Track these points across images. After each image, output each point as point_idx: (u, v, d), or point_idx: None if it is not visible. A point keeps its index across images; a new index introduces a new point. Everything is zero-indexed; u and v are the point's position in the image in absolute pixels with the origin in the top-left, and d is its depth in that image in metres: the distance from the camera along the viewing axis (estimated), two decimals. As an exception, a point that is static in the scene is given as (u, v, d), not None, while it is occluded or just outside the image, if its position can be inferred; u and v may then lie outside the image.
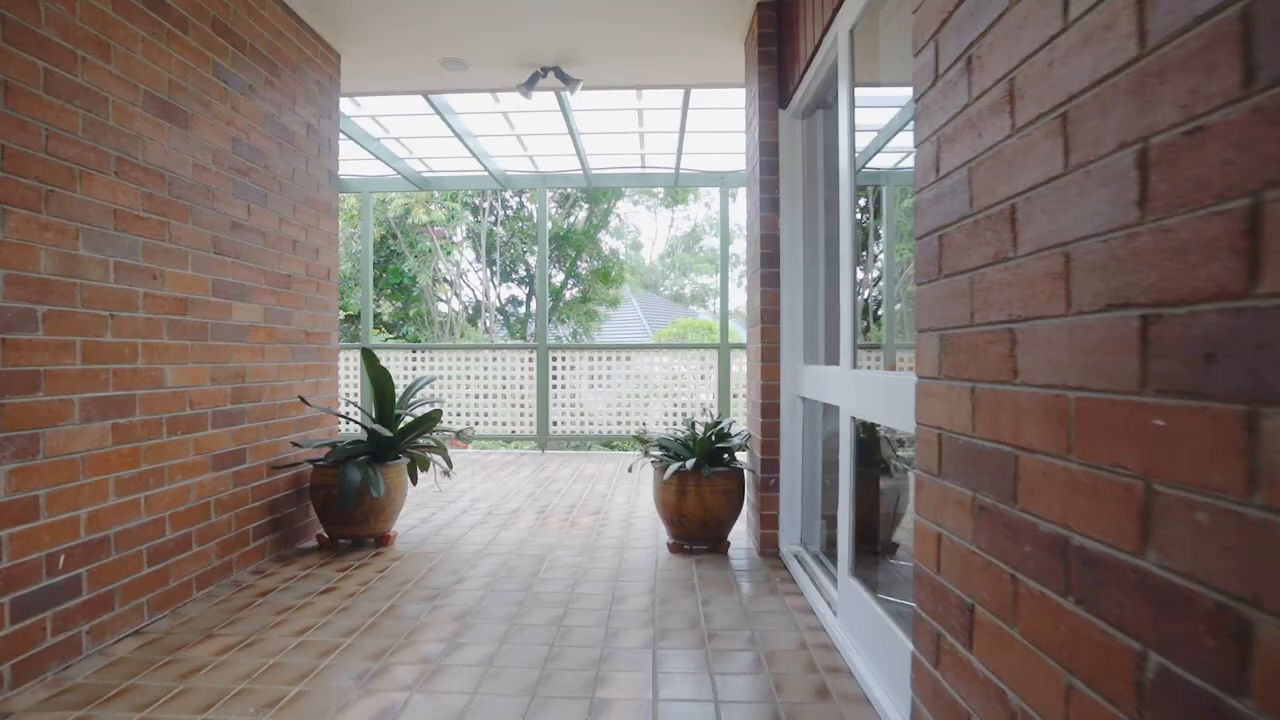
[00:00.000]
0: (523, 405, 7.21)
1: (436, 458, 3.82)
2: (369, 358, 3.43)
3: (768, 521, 3.40)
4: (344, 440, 3.62)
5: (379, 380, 3.40)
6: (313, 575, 3.05)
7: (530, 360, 7.22)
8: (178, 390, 2.60)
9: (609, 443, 8.72)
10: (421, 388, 3.88)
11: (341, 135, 5.63)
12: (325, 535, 3.47)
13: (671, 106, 5.37)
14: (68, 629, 2.11)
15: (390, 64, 4.23)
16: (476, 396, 7.26)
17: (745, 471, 3.51)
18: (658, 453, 3.63)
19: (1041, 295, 0.92)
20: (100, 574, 2.24)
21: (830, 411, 3.27)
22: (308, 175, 3.56)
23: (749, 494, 3.59)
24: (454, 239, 15.63)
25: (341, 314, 12.05)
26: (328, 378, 3.79)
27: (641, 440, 3.63)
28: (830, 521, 3.33)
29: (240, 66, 2.98)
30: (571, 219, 16.83)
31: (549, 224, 15.91)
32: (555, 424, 7.18)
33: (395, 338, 15.54)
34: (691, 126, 5.69)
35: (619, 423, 7.23)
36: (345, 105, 5.26)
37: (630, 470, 3.68)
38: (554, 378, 7.19)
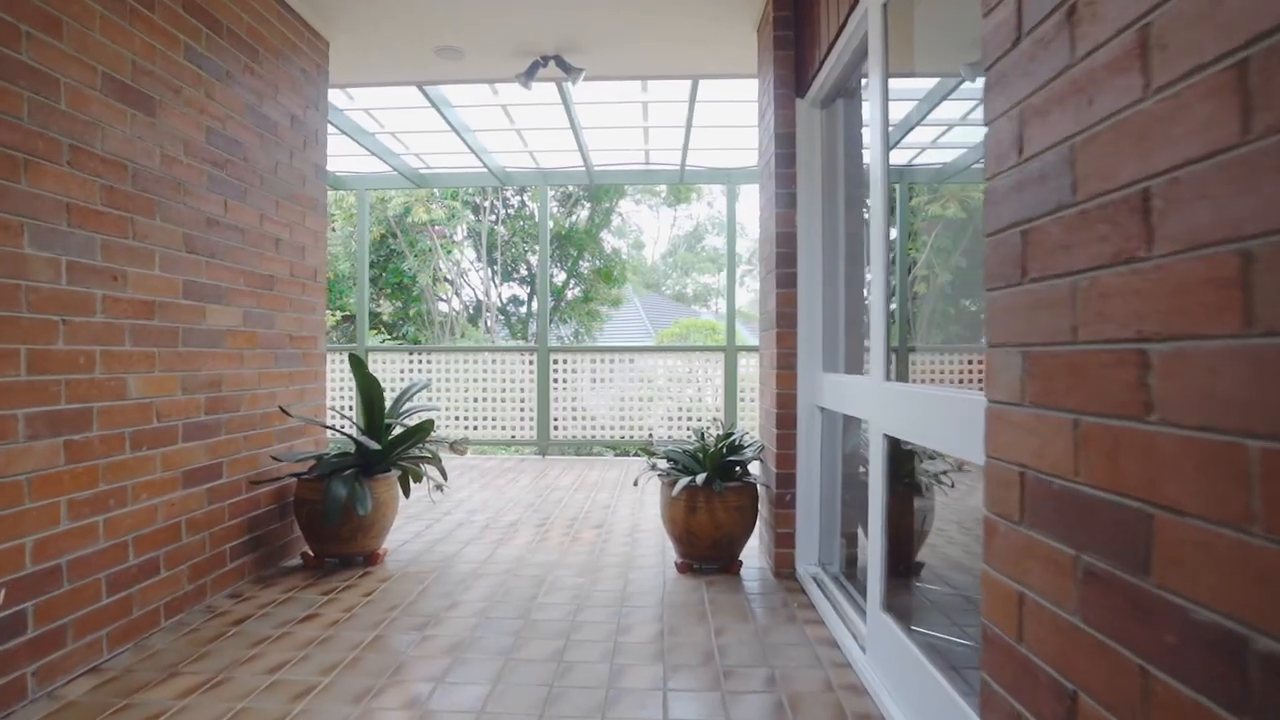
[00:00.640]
0: (523, 409, 6.99)
1: (430, 469, 3.60)
2: (356, 363, 3.21)
3: (783, 540, 3.17)
4: (331, 451, 3.40)
5: (367, 388, 3.18)
6: (294, 599, 2.83)
7: (530, 362, 7.00)
8: (143, 401, 2.38)
9: (612, 448, 8.48)
10: (414, 395, 3.66)
11: (333, 129, 5.42)
12: (310, 553, 3.25)
13: (678, 99, 5.14)
14: (10, 671, 1.89)
15: (382, 52, 4.00)
16: (475, 400, 7.05)
17: (759, 486, 3.28)
18: (665, 465, 3.41)
19: (1197, 307, 0.69)
20: (50, 608, 2.01)
21: (852, 423, 3.04)
22: (292, 169, 3.34)
23: (763, 510, 3.36)
24: (454, 238, 15.43)
25: (339, 314, 11.85)
26: (314, 384, 3.57)
27: (648, 452, 3.41)
28: (850, 540, 3.11)
29: (216, 50, 2.76)
30: (573, 218, 16.64)
31: (550, 223, 15.70)
32: (556, 428, 6.96)
33: (395, 338, 15.37)
34: (698, 121, 5.46)
35: (622, 427, 7.00)
36: (337, 97, 5.05)
37: (635, 484, 3.47)
38: (555, 381, 6.96)
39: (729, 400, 6.85)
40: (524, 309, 17.11)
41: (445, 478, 3.79)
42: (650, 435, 7.00)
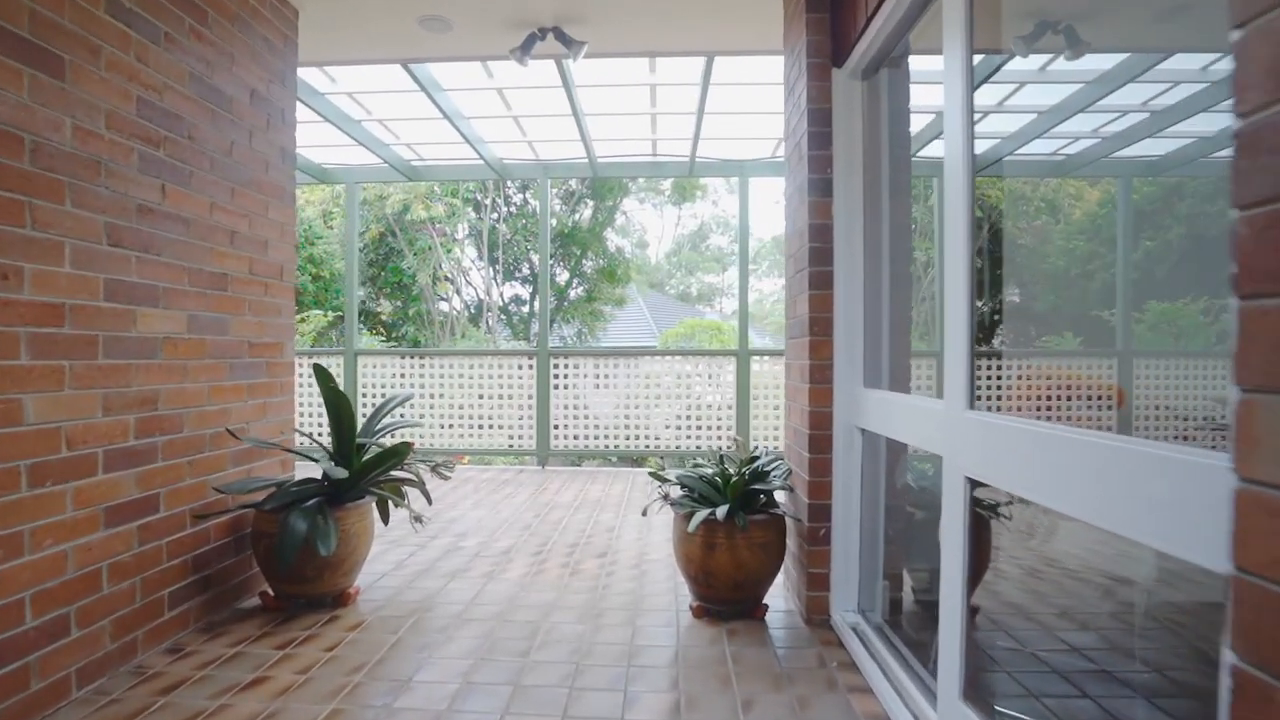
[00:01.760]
0: (522, 416, 6.56)
1: (415, 492, 3.18)
2: (321, 376, 2.78)
3: (816, 581, 2.73)
4: (293, 478, 2.97)
5: (335, 404, 2.75)
6: (242, 655, 2.40)
7: (530, 367, 6.57)
8: (45, 427, 1.95)
9: (616, 457, 7.98)
10: (393, 409, 3.23)
11: (316, 116, 4.99)
12: (270, 593, 2.83)
13: (689, 82, 4.70)
14: None
15: (360, 25, 3.57)
16: (471, 406, 6.62)
17: (787, 518, 2.84)
18: (678, 493, 2.97)
19: None
20: (-95, 695, 1.59)
21: (897, 447, 2.61)
22: (252, 151, 2.91)
23: (791, 545, 2.92)
24: (455, 236, 15.04)
25: (332, 314, 11.45)
26: (280, 397, 3.14)
27: (659, 477, 2.97)
28: (895, 581, 2.67)
29: (150, 7, 2.33)
30: (577, 216, 16.25)
31: (553, 220, 15.29)
32: (557, 437, 6.53)
33: (394, 338, 15.02)
34: (711, 107, 5.01)
35: (627, 435, 6.57)
36: (316, 79, 4.62)
37: (645, 514, 3.03)
38: (556, 386, 6.54)
39: (741, 408, 6.40)
40: (526, 308, 16.75)
41: (430, 502, 3.36)
42: (657, 442, 6.56)
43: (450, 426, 6.65)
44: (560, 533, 4.13)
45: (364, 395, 6.65)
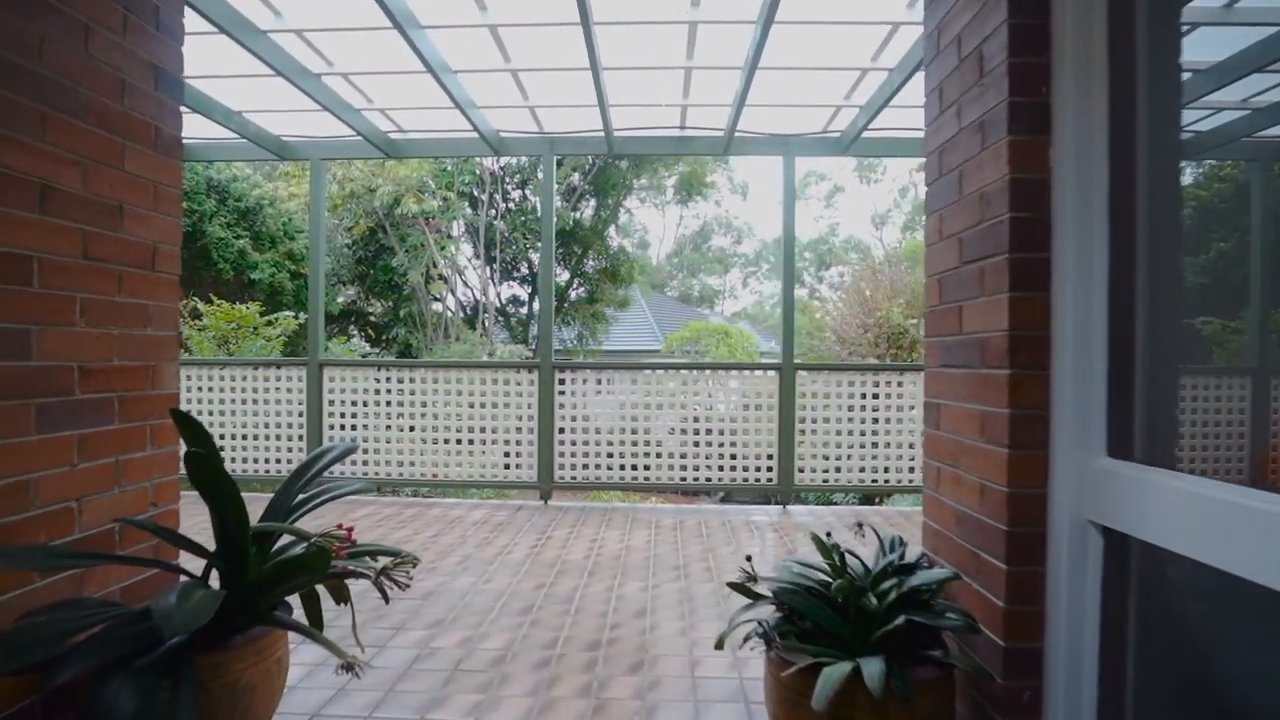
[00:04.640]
0: (520, 440, 5.45)
1: (382, 575, 2.07)
2: (188, 431, 1.65)
3: (1013, 779, 1.63)
4: (171, 583, 1.86)
5: (210, 482, 1.61)
6: None
7: (530, 381, 5.46)
8: None
9: (636, 494, 6.61)
10: (327, 466, 2.11)
11: (265, 67, 3.87)
12: (108, 782, 1.71)
13: (743, 19, 3.60)
14: None
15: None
16: (459, 430, 5.51)
17: (957, 669, 1.74)
18: (773, 614, 1.86)
19: None
20: None
21: (1170, 560, 1.51)
22: (88, 61, 1.80)
23: (962, 710, 1.82)
24: (450, 233, 13.96)
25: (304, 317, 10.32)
26: (150, 450, 2.02)
27: (745, 590, 1.86)
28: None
29: None
30: (578, 213, 15.15)
31: (555, 219, 14.17)
32: (562, 466, 5.42)
33: (385, 340, 13.95)
34: (766, 59, 3.89)
35: (647, 465, 5.45)
36: (255, 10, 3.51)
37: (720, 647, 1.92)
38: (561, 405, 5.43)
39: (785, 436, 5.29)
40: (524, 310, 15.72)
41: (388, 601, 2.25)
42: (684, 474, 5.45)
43: (435, 454, 5.53)
44: (573, 620, 3.02)
45: (331, 416, 5.53)
